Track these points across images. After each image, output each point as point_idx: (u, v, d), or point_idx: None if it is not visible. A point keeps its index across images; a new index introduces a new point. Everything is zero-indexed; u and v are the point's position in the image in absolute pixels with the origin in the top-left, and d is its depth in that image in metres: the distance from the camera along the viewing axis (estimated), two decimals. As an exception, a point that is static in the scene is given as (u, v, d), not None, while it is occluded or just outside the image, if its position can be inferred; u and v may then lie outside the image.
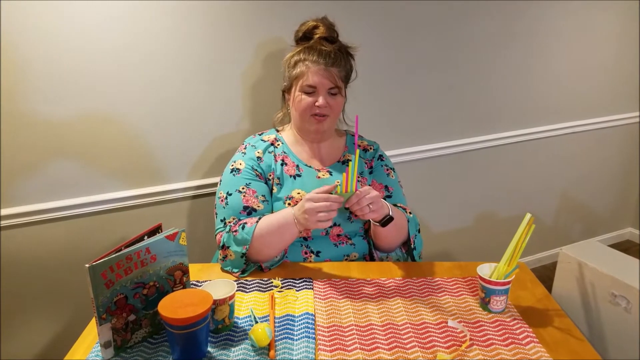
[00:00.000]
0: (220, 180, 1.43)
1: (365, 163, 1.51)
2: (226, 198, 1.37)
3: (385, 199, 1.45)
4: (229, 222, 1.35)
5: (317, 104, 1.37)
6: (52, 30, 1.46)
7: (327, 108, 1.38)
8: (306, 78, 1.37)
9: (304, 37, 1.46)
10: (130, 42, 1.56)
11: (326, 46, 1.39)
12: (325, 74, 1.36)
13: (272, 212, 1.38)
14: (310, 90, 1.38)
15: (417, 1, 1.98)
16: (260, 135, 1.51)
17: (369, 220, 1.36)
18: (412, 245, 1.41)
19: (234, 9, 1.66)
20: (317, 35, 1.42)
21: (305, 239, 1.39)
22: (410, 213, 1.46)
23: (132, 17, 1.54)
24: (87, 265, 0.94)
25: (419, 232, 1.46)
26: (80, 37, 1.50)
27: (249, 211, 1.36)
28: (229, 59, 1.71)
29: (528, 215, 1.12)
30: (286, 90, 1.47)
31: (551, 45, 2.35)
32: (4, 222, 1.55)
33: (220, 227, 1.36)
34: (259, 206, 1.37)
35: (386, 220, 1.28)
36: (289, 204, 1.37)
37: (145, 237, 1.08)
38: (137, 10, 1.54)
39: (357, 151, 1.22)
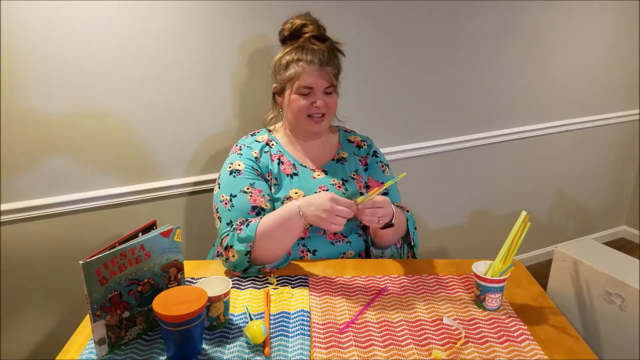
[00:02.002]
0: (219, 185, 1.38)
1: (360, 160, 1.50)
2: (230, 200, 1.33)
3: None
4: (236, 223, 1.30)
5: (315, 104, 1.35)
6: (50, 28, 1.45)
7: (325, 107, 1.37)
8: (302, 79, 1.34)
9: (292, 36, 1.42)
10: (125, 40, 1.56)
11: (318, 45, 1.36)
12: (321, 74, 1.34)
13: None
14: (307, 92, 1.35)
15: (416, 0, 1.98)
16: (253, 135, 1.48)
17: None
18: (412, 243, 1.41)
19: (230, 7, 1.66)
20: (307, 34, 1.39)
21: (302, 237, 1.38)
22: (408, 211, 1.46)
23: (129, 16, 1.54)
24: (81, 262, 0.93)
25: (415, 229, 1.46)
26: (77, 36, 1.49)
27: (258, 211, 1.32)
28: (226, 56, 1.71)
29: (523, 213, 1.13)
30: (278, 93, 1.44)
31: (548, 43, 2.36)
32: (1, 218, 1.55)
33: (227, 230, 1.30)
34: (266, 205, 1.34)
35: (386, 226, 1.27)
36: None
37: (140, 234, 1.07)
38: (133, 9, 1.53)
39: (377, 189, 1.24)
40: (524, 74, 2.36)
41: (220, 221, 1.33)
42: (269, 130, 1.50)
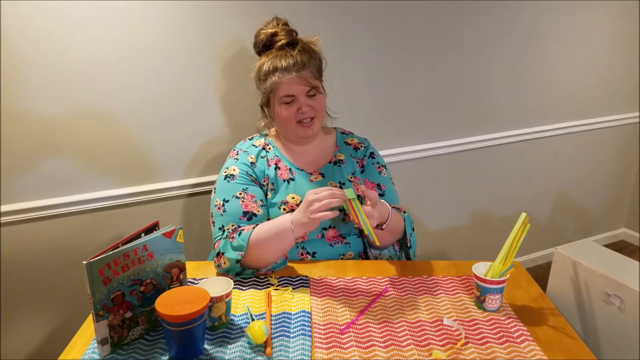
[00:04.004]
0: (215, 189, 1.40)
1: (357, 162, 1.50)
2: (223, 205, 1.34)
3: None
4: (228, 229, 1.32)
5: (301, 111, 1.35)
6: (50, 28, 1.46)
7: (311, 110, 1.37)
8: (281, 89, 1.34)
9: (265, 47, 1.41)
10: (126, 42, 1.56)
11: (291, 51, 1.34)
12: (299, 80, 1.33)
13: (268, 218, 1.37)
14: (289, 100, 1.35)
15: (415, 1, 1.98)
16: (250, 140, 1.49)
17: None
18: (409, 244, 1.41)
19: (230, 9, 1.66)
20: (279, 43, 1.37)
21: (301, 240, 1.38)
22: (405, 212, 1.46)
23: (129, 17, 1.54)
24: (84, 262, 0.94)
25: (413, 230, 1.46)
26: (78, 37, 1.50)
27: (249, 216, 1.33)
28: (226, 59, 1.71)
29: (523, 215, 1.13)
30: (264, 104, 1.44)
31: (548, 45, 2.36)
32: (2, 219, 1.55)
33: (219, 235, 1.32)
34: (258, 211, 1.35)
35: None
36: (284, 209, 1.36)
37: (143, 235, 1.08)
38: (133, 9, 1.54)
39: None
40: (524, 76, 2.36)
41: (214, 225, 1.35)
42: (266, 135, 1.51)
